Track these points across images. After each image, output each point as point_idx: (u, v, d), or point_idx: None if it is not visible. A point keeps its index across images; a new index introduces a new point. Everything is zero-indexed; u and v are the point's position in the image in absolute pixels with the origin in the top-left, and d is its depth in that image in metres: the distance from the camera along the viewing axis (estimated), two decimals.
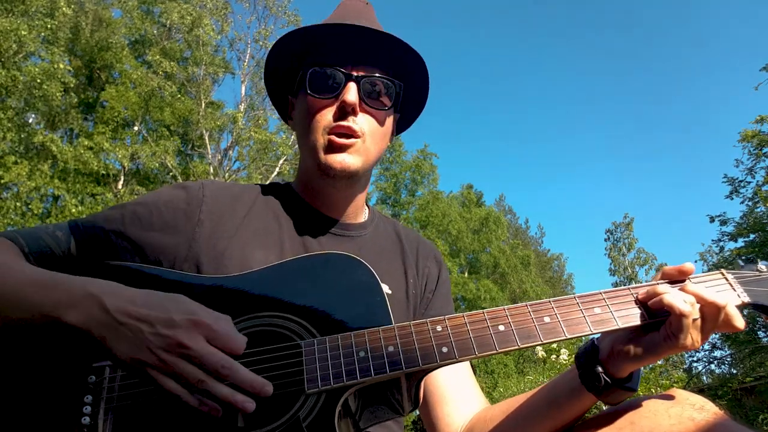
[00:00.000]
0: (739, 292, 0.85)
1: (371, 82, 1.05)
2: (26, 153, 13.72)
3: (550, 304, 0.84)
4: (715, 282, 0.87)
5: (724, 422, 0.76)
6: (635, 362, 0.83)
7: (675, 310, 0.78)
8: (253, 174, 16.56)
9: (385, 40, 1.06)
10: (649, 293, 0.83)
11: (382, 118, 1.09)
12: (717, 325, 0.80)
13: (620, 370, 0.84)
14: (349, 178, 1.05)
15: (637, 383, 0.86)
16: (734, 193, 14.03)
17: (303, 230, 1.08)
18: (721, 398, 11.10)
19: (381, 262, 1.09)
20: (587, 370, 0.86)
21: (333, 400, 0.78)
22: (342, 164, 1.02)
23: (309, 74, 1.05)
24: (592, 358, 0.86)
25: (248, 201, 1.09)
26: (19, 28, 12.23)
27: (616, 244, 34.22)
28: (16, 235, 0.94)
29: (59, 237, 0.95)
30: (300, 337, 0.83)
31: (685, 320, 0.77)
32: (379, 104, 1.07)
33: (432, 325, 0.82)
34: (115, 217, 0.99)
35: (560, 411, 0.90)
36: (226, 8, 17.73)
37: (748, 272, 0.89)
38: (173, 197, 1.03)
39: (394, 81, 1.08)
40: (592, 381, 0.85)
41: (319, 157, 1.03)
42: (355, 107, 1.02)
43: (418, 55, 1.09)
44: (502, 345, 0.80)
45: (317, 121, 1.04)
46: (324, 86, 1.04)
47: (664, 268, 0.88)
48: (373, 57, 1.07)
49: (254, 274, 0.91)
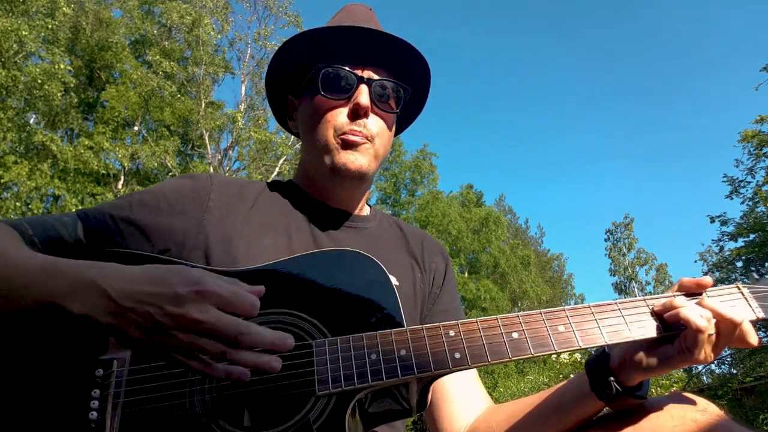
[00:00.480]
0: (754, 307, 0.85)
1: (382, 86, 1.07)
2: (26, 153, 13.71)
3: (564, 313, 0.83)
4: (730, 296, 0.86)
5: (726, 424, 0.77)
6: (647, 373, 0.83)
7: (692, 325, 0.77)
8: (253, 174, 16.53)
9: (393, 42, 1.07)
10: (666, 306, 0.83)
11: (390, 121, 1.11)
12: (732, 340, 0.80)
13: (630, 379, 0.84)
14: (360, 178, 1.06)
15: (646, 391, 0.86)
16: (734, 193, 14.04)
17: (310, 220, 1.08)
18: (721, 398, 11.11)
19: (388, 254, 1.09)
20: (598, 378, 0.86)
21: (344, 402, 0.77)
22: (355, 164, 1.03)
23: (321, 74, 1.05)
24: (604, 366, 0.86)
25: (254, 193, 1.09)
26: (19, 28, 12.21)
27: (616, 244, 34.24)
28: (21, 222, 0.91)
29: (68, 223, 0.93)
30: (311, 336, 0.82)
31: (701, 335, 0.77)
32: (387, 107, 1.09)
33: (445, 330, 0.82)
34: (123, 205, 0.98)
35: (568, 416, 0.90)
36: (226, 8, 17.72)
37: (763, 287, 0.88)
38: (181, 185, 1.03)
39: (403, 86, 1.10)
40: (603, 389, 0.85)
41: (333, 157, 1.04)
42: (368, 110, 1.04)
43: (422, 58, 1.11)
44: (516, 353, 0.80)
45: (328, 122, 1.05)
46: (336, 87, 1.05)
47: (682, 280, 0.88)
48: (382, 59, 1.08)
49: (264, 268, 0.90)
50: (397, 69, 1.12)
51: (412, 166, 25.07)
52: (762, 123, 13.12)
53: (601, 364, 0.86)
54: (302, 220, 1.08)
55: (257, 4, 18.50)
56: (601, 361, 0.87)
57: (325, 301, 0.85)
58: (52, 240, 0.90)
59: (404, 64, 1.12)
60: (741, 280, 0.91)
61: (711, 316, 0.79)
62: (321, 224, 1.08)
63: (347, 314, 0.84)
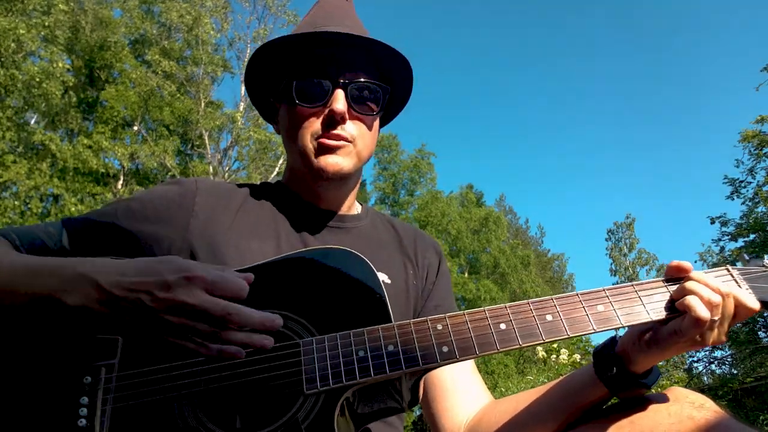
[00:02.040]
0: (744, 288, 0.85)
1: (358, 87, 1.05)
2: (25, 152, 13.73)
3: (552, 302, 0.83)
4: (720, 278, 0.86)
5: (723, 420, 0.76)
6: (651, 355, 0.83)
7: (694, 312, 0.78)
8: (253, 174, 16.56)
9: (368, 42, 1.05)
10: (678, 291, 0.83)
11: (370, 122, 1.09)
12: (733, 320, 0.81)
13: (637, 365, 0.85)
14: (341, 179, 1.05)
15: (653, 380, 0.86)
16: (735, 193, 14.04)
17: (298, 222, 1.08)
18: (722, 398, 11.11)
19: (379, 252, 1.09)
20: (602, 361, 0.87)
21: (332, 400, 0.77)
22: (335, 167, 1.03)
23: (294, 85, 1.04)
24: (609, 350, 0.87)
25: (241, 196, 1.09)
26: (17, 27, 12.22)
27: (617, 244, 34.26)
28: (7, 230, 0.94)
29: (51, 232, 0.95)
30: (298, 336, 0.82)
31: (702, 320, 0.78)
32: (366, 109, 1.07)
33: (432, 324, 0.81)
34: (108, 212, 0.99)
35: (573, 402, 0.90)
36: (225, 8, 17.74)
37: (753, 268, 0.89)
38: (167, 191, 1.03)
39: (381, 85, 1.08)
40: (605, 372, 0.86)
41: (311, 161, 1.03)
42: (344, 115, 1.02)
43: (402, 56, 1.08)
44: (504, 344, 0.79)
45: (305, 129, 1.04)
46: (311, 95, 1.04)
47: (669, 264, 0.88)
48: (358, 61, 1.07)
49: (251, 270, 0.89)
50: (376, 67, 1.10)
51: (411, 166, 25.10)
52: (762, 123, 13.13)
53: (607, 348, 0.88)
54: (290, 223, 1.07)
55: (257, 4, 18.54)
56: (608, 344, 0.88)
57: (312, 300, 0.85)
58: (36, 246, 0.93)
59: (385, 63, 1.10)
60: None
61: (711, 298, 0.79)
62: (309, 226, 1.08)
63: (334, 312, 0.84)
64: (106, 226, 0.97)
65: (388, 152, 24.80)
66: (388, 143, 24.40)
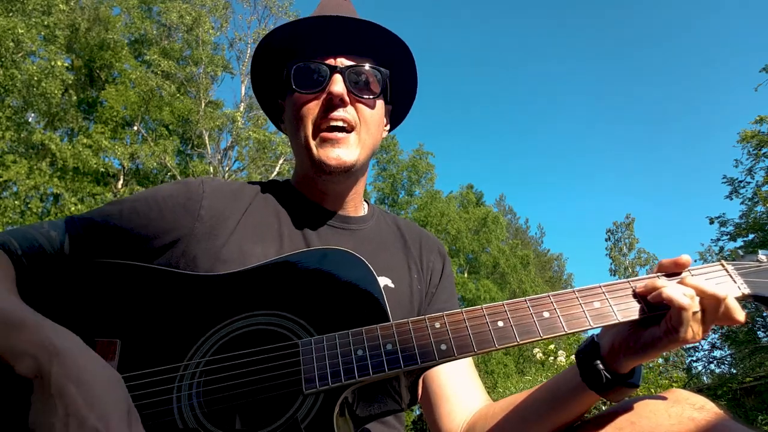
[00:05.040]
0: (739, 283, 0.84)
1: (357, 72, 1.05)
2: (25, 152, 13.70)
3: (549, 299, 0.83)
4: (715, 273, 0.86)
5: (724, 421, 0.75)
6: (636, 357, 0.82)
7: (674, 304, 0.77)
8: (253, 174, 16.54)
9: (367, 29, 1.05)
10: (647, 287, 0.82)
11: (372, 106, 1.08)
12: (717, 317, 0.79)
13: (621, 366, 0.83)
14: (346, 172, 1.04)
15: (638, 379, 0.85)
16: (734, 193, 14.03)
17: (302, 224, 1.07)
18: (721, 398, 11.10)
19: (383, 255, 1.09)
20: (588, 367, 0.85)
21: (331, 399, 0.77)
22: (337, 160, 1.02)
23: (293, 71, 1.04)
24: (593, 354, 0.86)
25: (248, 197, 1.08)
26: (16, 26, 12.20)
27: (616, 244, 34.29)
28: (9, 237, 0.89)
29: (52, 237, 0.92)
30: (297, 336, 0.82)
31: (685, 313, 0.77)
32: (368, 92, 1.06)
33: (430, 322, 0.81)
34: (113, 213, 0.97)
35: (563, 409, 0.89)
36: (226, 8, 17.72)
37: (748, 263, 0.88)
38: (173, 192, 1.01)
39: (379, 69, 1.07)
40: (593, 378, 0.84)
41: (313, 153, 1.03)
42: (343, 97, 1.02)
43: (401, 41, 1.08)
44: (501, 341, 0.79)
45: (306, 116, 1.04)
46: (310, 81, 1.04)
47: (661, 261, 0.87)
48: (357, 47, 1.07)
49: (250, 271, 0.90)
50: (380, 57, 1.09)
51: (409, 166, 25.07)
52: (761, 123, 13.11)
53: (590, 352, 0.86)
54: (295, 225, 1.06)
55: (257, 4, 18.51)
56: (589, 349, 0.86)
57: (310, 300, 0.85)
58: (35, 252, 0.89)
59: (386, 51, 1.10)
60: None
61: (694, 293, 0.78)
62: (314, 227, 1.07)
63: (333, 313, 0.84)
64: (111, 228, 0.95)
65: (386, 152, 24.78)
66: (386, 143, 24.37)
